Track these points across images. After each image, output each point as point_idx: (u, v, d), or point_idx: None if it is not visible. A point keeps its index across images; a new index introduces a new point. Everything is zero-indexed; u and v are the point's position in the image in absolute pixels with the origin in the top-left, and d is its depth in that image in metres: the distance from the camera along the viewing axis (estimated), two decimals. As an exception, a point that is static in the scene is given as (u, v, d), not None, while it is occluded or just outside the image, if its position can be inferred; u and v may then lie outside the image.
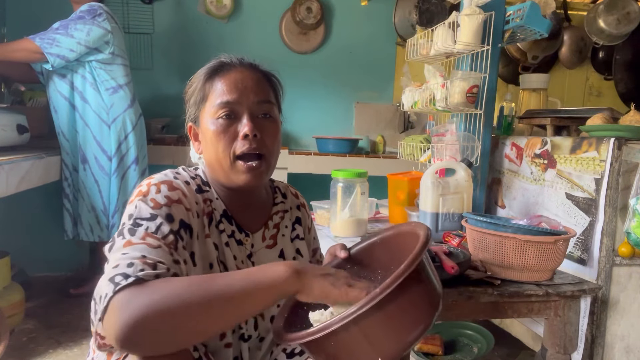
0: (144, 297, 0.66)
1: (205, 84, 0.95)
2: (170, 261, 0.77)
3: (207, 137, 0.94)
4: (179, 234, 0.83)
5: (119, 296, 0.67)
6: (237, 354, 0.94)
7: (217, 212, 0.96)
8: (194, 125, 1.00)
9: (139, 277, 0.69)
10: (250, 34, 3.29)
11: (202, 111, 0.95)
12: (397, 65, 3.51)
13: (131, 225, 0.80)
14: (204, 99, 0.95)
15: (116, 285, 0.68)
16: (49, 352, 2.04)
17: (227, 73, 0.95)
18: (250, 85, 0.94)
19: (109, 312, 0.67)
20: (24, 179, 1.92)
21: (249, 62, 0.98)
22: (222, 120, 0.92)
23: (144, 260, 0.73)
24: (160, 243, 0.78)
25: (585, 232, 1.57)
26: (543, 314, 1.33)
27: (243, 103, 0.93)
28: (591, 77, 3.76)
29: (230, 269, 0.94)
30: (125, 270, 0.70)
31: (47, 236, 2.90)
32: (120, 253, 0.75)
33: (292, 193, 1.15)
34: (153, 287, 0.68)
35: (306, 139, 3.33)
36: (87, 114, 2.41)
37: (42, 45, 2.22)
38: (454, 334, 2.06)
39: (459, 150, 1.89)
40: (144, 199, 0.84)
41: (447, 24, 1.85)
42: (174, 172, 0.94)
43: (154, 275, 0.71)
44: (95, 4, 2.37)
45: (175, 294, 0.67)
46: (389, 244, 0.95)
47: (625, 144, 1.50)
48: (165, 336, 0.66)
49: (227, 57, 0.97)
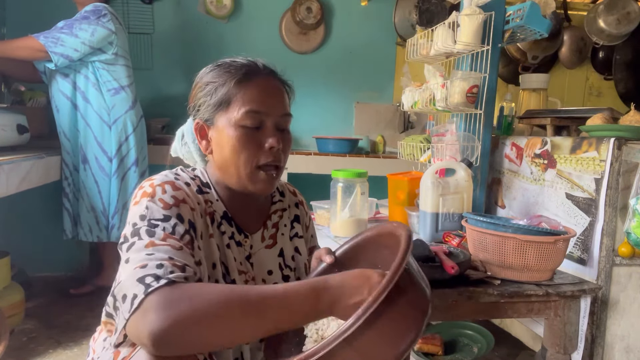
0: (180, 301, 0.67)
1: (232, 87, 0.92)
2: (193, 263, 0.78)
3: (225, 141, 0.92)
4: (190, 234, 0.84)
5: (152, 297, 0.68)
6: (237, 354, 0.95)
7: (218, 213, 0.96)
8: (204, 124, 0.97)
9: (170, 280, 0.70)
10: (250, 34, 3.29)
11: (222, 113, 0.93)
12: (397, 65, 3.51)
13: (147, 226, 0.80)
14: (228, 102, 0.92)
15: (147, 286, 0.69)
16: (49, 352, 2.04)
17: (256, 80, 0.93)
18: (278, 97, 0.95)
19: (141, 312, 0.68)
20: (24, 179, 1.92)
21: (272, 69, 0.98)
22: (248, 128, 0.91)
23: (172, 262, 0.74)
24: (181, 244, 0.79)
25: (585, 232, 1.57)
26: (543, 314, 1.33)
27: (271, 114, 0.93)
28: (591, 77, 3.76)
29: (231, 270, 0.94)
30: (156, 272, 0.71)
31: (47, 236, 2.90)
32: (145, 254, 0.75)
33: (290, 191, 1.15)
34: (188, 292, 0.69)
35: (306, 139, 3.33)
36: (89, 114, 2.41)
37: (47, 43, 2.22)
38: (454, 334, 2.06)
39: (459, 150, 1.89)
40: (152, 200, 0.84)
41: (447, 24, 1.85)
42: (174, 173, 0.93)
43: (184, 278, 0.72)
44: (100, 4, 2.38)
45: (210, 301, 0.68)
46: (372, 244, 0.96)
47: (625, 144, 1.50)
48: (196, 340, 0.67)
49: (252, 62, 0.96)
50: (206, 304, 0.68)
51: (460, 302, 1.25)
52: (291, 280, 1.05)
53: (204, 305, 0.67)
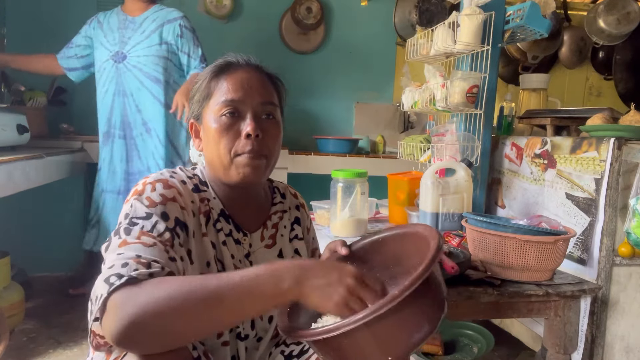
0: (138, 297, 0.66)
1: (211, 81, 0.95)
2: (166, 259, 0.78)
3: (209, 134, 0.94)
4: (175, 232, 0.84)
5: (114, 296, 0.68)
6: (234, 352, 0.95)
7: (215, 211, 0.96)
8: (196, 122, 1.00)
9: (132, 277, 0.70)
10: (250, 34, 3.29)
11: (205, 108, 0.96)
12: (397, 65, 3.51)
13: (127, 224, 0.81)
14: (208, 97, 0.95)
15: (110, 285, 0.69)
16: (49, 352, 2.04)
17: (233, 72, 0.95)
18: (256, 86, 0.94)
19: (106, 313, 0.68)
20: (24, 179, 1.92)
21: (256, 64, 0.99)
22: (226, 118, 0.92)
23: (138, 260, 0.73)
24: (155, 241, 0.79)
25: (585, 232, 1.57)
26: (543, 314, 1.33)
27: (247, 103, 0.93)
28: (591, 77, 3.76)
29: (228, 268, 0.94)
30: (120, 271, 0.71)
31: (47, 236, 2.90)
32: (116, 253, 0.76)
33: (292, 193, 1.15)
34: (148, 287, 0.69)
35: (306, 139, 3.33)
36: None
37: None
38: (454, 334, 2.06)
39: (459, 150, 1.89)
40: (139, 198, 0.85)
41: (447, 24, 1.85)
42: (170, 171, 0.94)
43: (148, 274, 0.71)
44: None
45: (169, 294, 0.67)
46: (392, 245, 0.95)
47: (625, 144, 1.50)
48: (159, 335, 0.67)
49: (234, 57, 0.98)
50: (161, 297, 0.66)
51: (460, 302, 1.25)
52: None
53: (162, 298, 0.66)
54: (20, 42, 3.07)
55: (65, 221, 2.92)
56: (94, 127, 2.80)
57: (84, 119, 3.06)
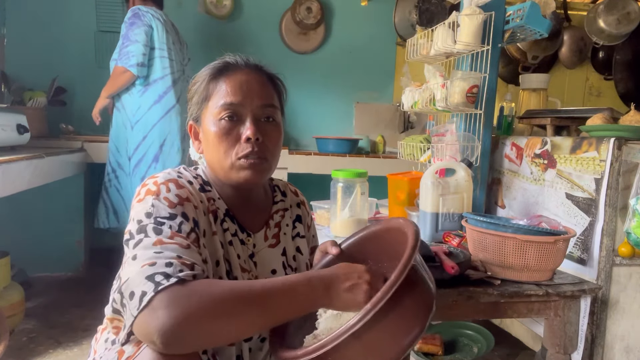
0: (190, 299, 0.68)
1: (209, 83, 0.94)
2: (200, 261, 0.79)
3: (208, 137, 0.93)
4: (196, 232, 0.84)
5: (161, 295, 0.69)
6: (239, 352, 0.95)
7: (220, 211, 0.96)
8: (195, 124, 0.99)
9: (180, 278, 0.71)
10: (250, 34, 3.30)
11: (204, 111, 0.95)
12: (397, 65, 3.51)
13: (154, 224, 0.80)
14: (207, 99, 0.94)
15: (157, 284, 0.70)
16: (49, 352, 2.04)
17: (232, 74, 0.94)
18: (255, 88, 0.93)
19: (150, 310, 0.68)
20: (24, 179, 1.92)
21: (255, 64, 0.97)
22: (225, 121, 0.91)
23: (181, 261, 0.74)
24: (189, 242, 0.80)
25: (585, 232, 1.57)
26: (543, 314, 1.33)
27: (247, 106, 0.92)
28: (591, 77, 3.76)
29: (234, 268, 0.94)
30: (165, 270, 0.72)
31: (47, 236, 2.90)
32: (153, 251, 0.75)
33: (292, 191, 1.15)
34: (197, 289, 0.70)
35: (306, 139, 3.33)
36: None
37: (123, 63, 2.39)
38: (454, 334, 2.06)
39: (459, 150, 1.89)
40: (157, 198, 0.84)
41: (447, 24, 1.85)
42: (176, 172, 0.94)
43: (192, 276, 0.73)
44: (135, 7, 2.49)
45: (221, 297, 0.70)
46: (379, 238, 0.96)
47: (625, 144, 1.50)
48: (207, 335, 0.69)
49: (233, 58, 0.97)
50: (214, 300, 0.69)
51: (460, 302, 1.25)
52: None
53: (213, 301, 0.69)
54: (20, 42, 3.07)
55: (66, 221, 2.92)
56: (94, 127, 2.80)
57: (84, 119, 3.06)
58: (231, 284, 0.74)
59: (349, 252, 0.97)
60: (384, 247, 0.94)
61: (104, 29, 3.17)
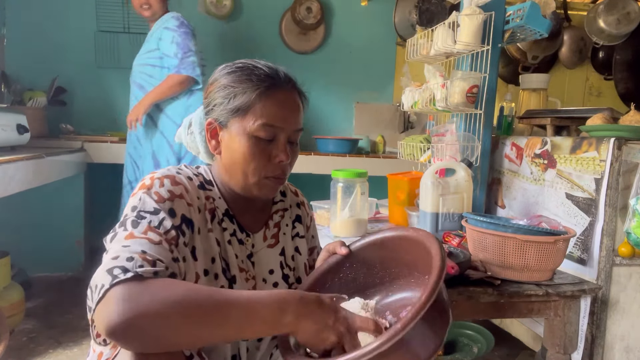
0: (142, 296, 0.66)
1: (253, 98, 0.91)
2: (170, 259, 0.78)
3: (236, 148, 0.92)
4: (181, 229, 0.84)
5: (116, 289, 0.67)
6: (235, 352, 0.95)
7: (220, 210, 0.96)
8: (217, 124, 0.95)
9: (137, 273, 0.70)
10: (250, 34, 3.30)
11: (237, 119, 0.92)
12: (397, 65, 3.51)
13: (135, 217, 0.81)
14: (245, 111, 0.91)
15: (114, 277, 0.68)
16: (49, 352, 2.04)
17: (276, 93, 0.92)
18: (295, 112, 0.95)
19: (104, 303, 0.67)
20: (24, 179, 1.92)
21: (292, 79, 0.97)
22: (261, 140, 0.91)
23: (144, 257, 0.73)
24: (161, 239, 0.79)
25: (585, 232, 1.57)
26: (543, 314, 1.33)
27: (285, 129, 0.93)
28: (591, 77, 3.76)
29: (232, 267, 0.94)
30: (125, 264, 0.71)
31: (47, 236, 2.90)
32: (121, 245, 0.75)
33: (292, 191, 1.15)
34: (152, 287, 0.68)
35: (306, 139, 3.33)
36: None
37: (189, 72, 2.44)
38: (454, 334, 2.06)
39: (459, 150, 1.89)
40: (148, 192, 0.84)
41: (447, 24, 1.85)
42: (177, 168, 0.94)
43: (152, 273, 0.71)
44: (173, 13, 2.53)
45: (175, 299, 0.67)
46: (393, 245, 0.94)
47: (625, 144, 1.50)
48: (155, 337, 0.66)
49: (274, 71, 0.94)
50: (167, 300, 0.67)
51: (460, 302, 1.25)
52: (290, 280, 1.06)
53: (165, 301, 0.66)
54: (20, 42, 3.08)
55: (66, 221, 2.92)
56: (94, 127, 2.80)
57: (84, 119, 3.07)
58: (191, 287, 0.71)
59: (357, 255, 0.97)
60: (396, 255, 0.93)
61: (104, 29, 3.17)
